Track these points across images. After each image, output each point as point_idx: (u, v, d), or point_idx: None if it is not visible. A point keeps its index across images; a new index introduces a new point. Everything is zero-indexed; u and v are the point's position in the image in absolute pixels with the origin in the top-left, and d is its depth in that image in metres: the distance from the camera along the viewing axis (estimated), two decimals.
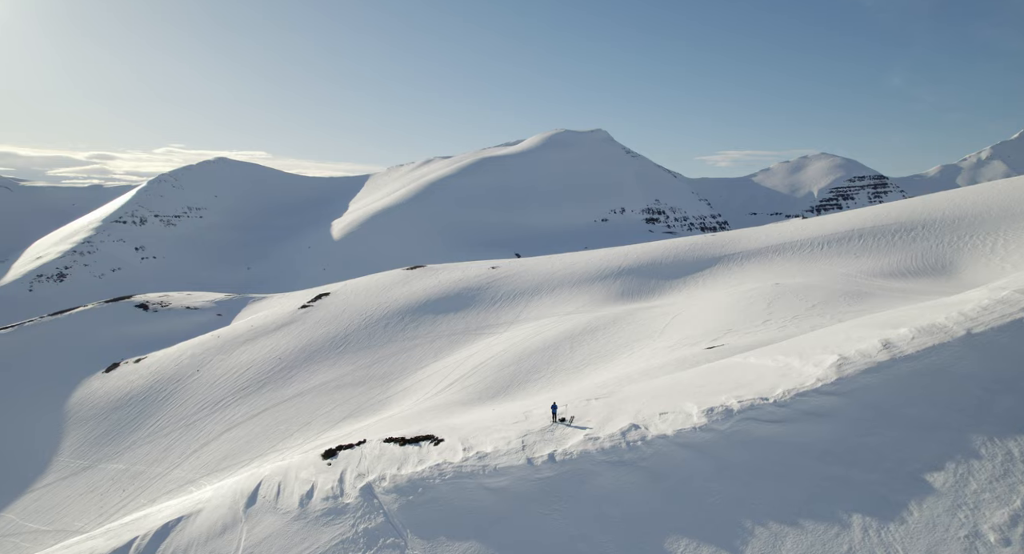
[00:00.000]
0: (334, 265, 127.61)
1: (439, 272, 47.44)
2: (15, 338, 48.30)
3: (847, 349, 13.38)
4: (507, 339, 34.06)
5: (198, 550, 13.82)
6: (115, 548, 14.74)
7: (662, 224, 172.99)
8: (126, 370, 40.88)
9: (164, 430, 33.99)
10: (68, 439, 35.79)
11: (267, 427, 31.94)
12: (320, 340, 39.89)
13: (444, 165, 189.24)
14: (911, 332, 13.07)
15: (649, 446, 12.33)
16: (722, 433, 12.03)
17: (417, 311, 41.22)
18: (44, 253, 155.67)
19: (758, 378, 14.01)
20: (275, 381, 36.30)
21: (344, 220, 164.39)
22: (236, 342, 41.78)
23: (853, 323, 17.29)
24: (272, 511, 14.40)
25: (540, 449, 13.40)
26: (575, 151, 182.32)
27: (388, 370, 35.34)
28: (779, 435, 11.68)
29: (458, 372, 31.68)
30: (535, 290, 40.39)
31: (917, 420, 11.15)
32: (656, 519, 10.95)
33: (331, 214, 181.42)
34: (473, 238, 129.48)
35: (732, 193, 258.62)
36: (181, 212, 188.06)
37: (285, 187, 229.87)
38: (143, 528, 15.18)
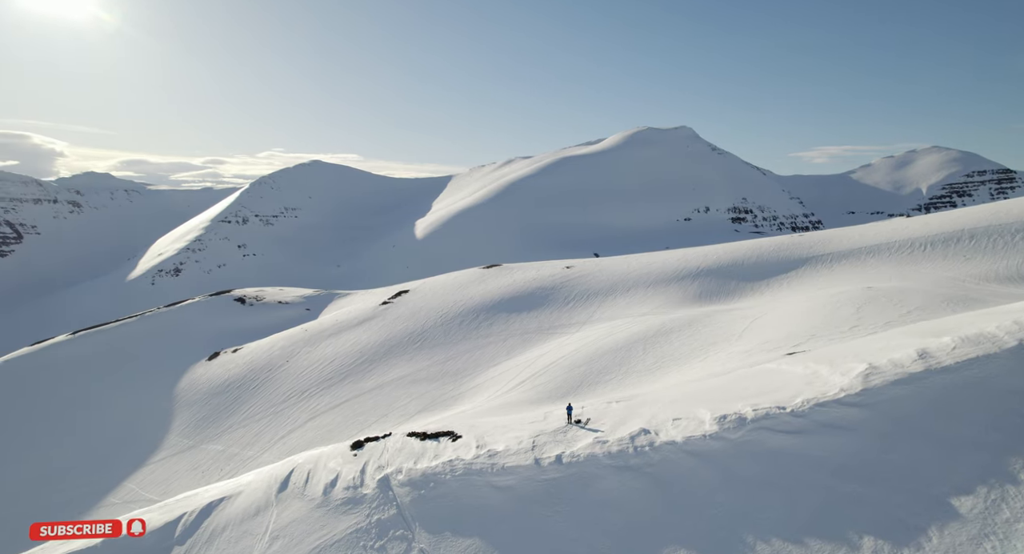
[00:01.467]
0: (417, 263, 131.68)
1: (514, 271, 47.80)
2: (137, 327, 53.44)
3: (879, 358, 12.37)
4: (579, 339, 33.77)
5: (234, 529, 14.75)
6: (167, 521, 15.97)
7: (749, 223, 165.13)
8: (225, 359, 44.19)
9: (255, 416, 36.44)
10: (176, 420, 39.15)
11: (347, 417, 33.46)
12: (399, 335, 41.25)
13: (524, 165, 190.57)
14: (953, 341, 11.90)
15: (656, 452, 12.02)
16: (733, 442, 11.53)
17: (492, 309, 41.71)
18: (164, 250, 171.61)
19: (783, 386, 13.24)
20: (356, 374, 37.91)
21: (427, 220, 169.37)
22: (322, 336, 44.04)
23: (901, 330, 16.03)
24: (299, 497, 15.10)
25: (549, 450, 13.33)
26: (658, 149, 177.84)
27: (462, 367, 35.99)
28: (793, 447, 11.06)
29: (529, 371, 31.76)
30: (609, 290, 39.79)
31: (949, 438, 10.17)
32: (656, 528, 10.71)
33: (415, 214, 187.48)
34: (552, 238, 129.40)
35: (827, 191, 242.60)
36: (278, 212, 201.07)
37: (373, 188, 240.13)
38: (191, 505, 16.43)
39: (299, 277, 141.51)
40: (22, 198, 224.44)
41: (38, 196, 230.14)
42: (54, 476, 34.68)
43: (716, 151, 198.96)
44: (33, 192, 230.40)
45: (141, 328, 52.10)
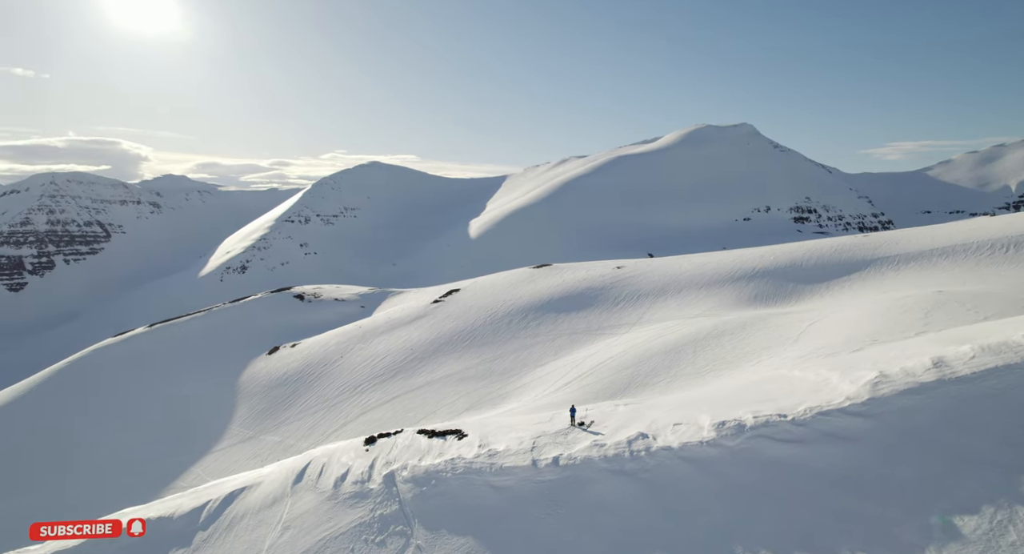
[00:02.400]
0: (470, 262, 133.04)
1: (564, 271, 47.57)
2: (205, 321, 56.37)
3: (891, 366, 11.69)
4: (628, 341, 33.26)
5: (252, 517, 15.31)
6: (194, 507, 16.78)
7: (812, 223, 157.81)
8: (284, 354, 46.02)
9: (311, 409, 37.76)
10: (238, 411, 41.07)
11: (397, 413, 34.20)
12: (448, 334, 41.79)
13: (579, 165, 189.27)
14: (972, 350, 11.11)
15: (653, 457, 11.81)
16: (730, 449, 11.20)
17: (540, 309, 41.65)
18: (232, 248, 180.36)
19: (790, 392, 12.73)
20: (406, 370, 38.69)
21: (481, 219, 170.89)
22: (375, 332, 45.17)
23: (930, 337, 15.06)
24: (312, 490, 15.52)
25: (548, 452, 13.27)
26: (716, 147, 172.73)
27: (509, 366, 36.11)
28: (791, 456, 10.67)
29: (576, 371, 31.54)
30: (660, 291, 38.99)
31: (958, 453, 9.55)
32: (648, 534, 10.57)
33: (470, 214, 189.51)
34: (605, 238, 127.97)
35: (900, 189, 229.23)
36: (338, 212, 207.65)
37: (429, 188, 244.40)
38: (217, 493, 17.17)
39: (357, 275, 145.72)
40: (111, 200, 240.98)
41: (124, 198, 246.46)
42: (128, 458, 37.08)
43: (778, 149, 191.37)
44: (120, 194, 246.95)
45: (208, 323, 54.93)
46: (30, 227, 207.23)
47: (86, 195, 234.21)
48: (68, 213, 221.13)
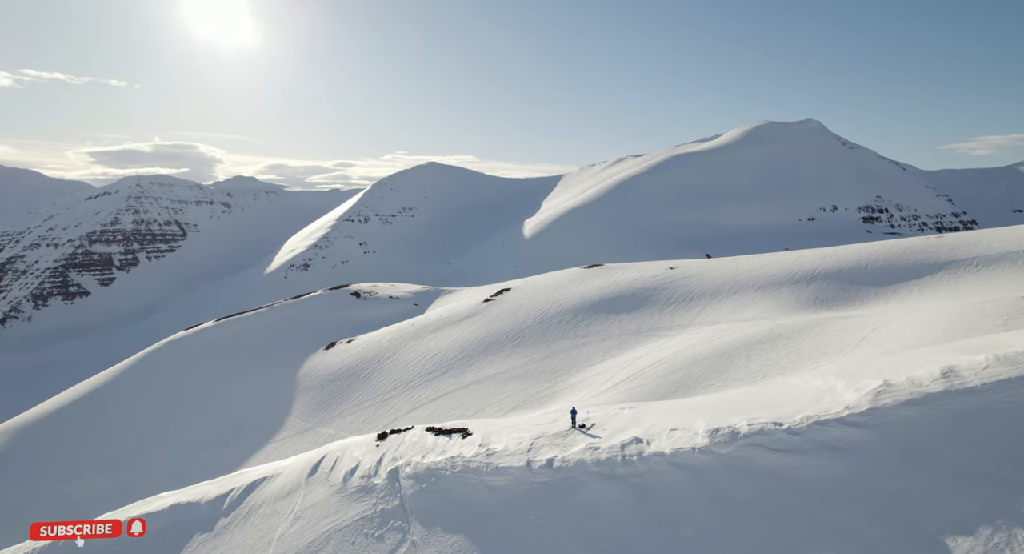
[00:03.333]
0: (524, 262, 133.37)
1: (615, 271, 46.93)
2: (268, 316, 58.90)
3: (898, 374, 11.07)
4: (678, 343, 32.48)
5: (267, 507, 15.81)
6: (219, 494, 17.48)
7: (883, 223, 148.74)
8: (340, 349, 47.48)
9: (364, 404, 38.81)
10: (296, 404, 42.67)
11: (446, 410, 34.66)
12: (498, 333, 42.01)
13: (635, 163, 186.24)
14: (987, 360, 10.38)
15: (644, 463, 11.65)
16: (722, 457, 10.94)
17: (590, 309, 41.26)
18: (295, 247, 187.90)
19: (792, 400, 12.22)
20: (456, 368, 39.14)
21: (536, 219, 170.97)
22: (427, 330, 45.94)
23: (953, 345, 14.02)
24: (324, 482, 15.88)
25: (544, 453, 13.21)
26: (779, 144, 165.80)
27: (558, 366, 35.95)
28: (783, 467, 10.31)
29: (624, 373, 31.07)
30: (714, 293, 37.84)
31: (959, 469, 9.05)
32: (631, 541, 10.46)
33: (525, 213, 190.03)
34: (662, 238, 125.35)
35: (988, 187, 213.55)
36: (396, 212, 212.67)
37: (486, 188, 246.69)
38: (239, 482, 17.84)
39: (413, 273, 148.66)
40: (187, 200, 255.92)
41: (199, 198, 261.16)
42: (195, 445, 39.19)
43: (847, 145, 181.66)
44: (195, 195, 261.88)
45: (270, 318, 57.36)
46: (118, 226, 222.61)
47: (166, 196, 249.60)
48: (151, 213, 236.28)
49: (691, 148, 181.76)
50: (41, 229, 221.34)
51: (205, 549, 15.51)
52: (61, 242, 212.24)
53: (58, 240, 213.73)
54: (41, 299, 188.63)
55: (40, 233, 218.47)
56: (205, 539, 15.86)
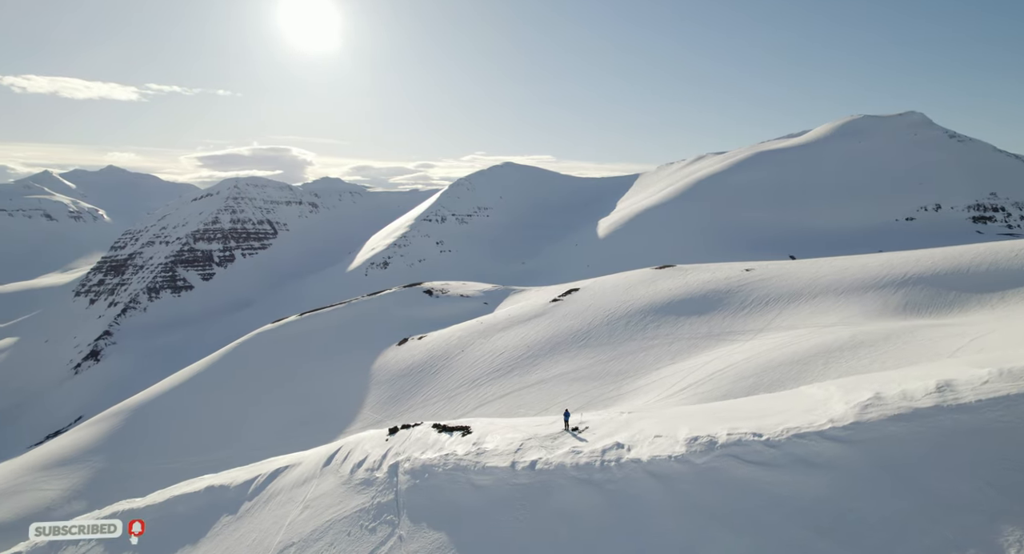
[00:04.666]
0: (597, 262, 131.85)
1: (687, 273, 45.56)
2: (346, 312, 61.67)
3: (891, 387, 10.34)
4: (751, 348, 31.12)
5: (285, 493, 16.49)
6: (246, 480, 18.45)
7: (999, 223, 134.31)
8: (411, 345, 48.96)
9: (432, 399, 39.83)
10: (370, 396, 44.43)
11: (511, 408, 34.96)
12: (564, 333, 41.89)
13: (715, 161, 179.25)
14: (989, 374, 9.73)
15: (621, 469, 11.43)
16: (697, 467, 10.71)
17: (659, 311, 40.31)
18: (376, 246, 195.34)
19: (784, 410, 11.65)
20: (522, 367, 39.39)
21: (610, 219, 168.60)
22: (495, 329, 46.50)
23: (973, 358, 13.55)
24: (334, 473, 16.37)
25: (530, 455, 13.19)
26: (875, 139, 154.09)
27: (624, 368, 35.41)
28: (757, 480, 9.94)
29: (692, 377, 30.16)
30: (792, 296, 35.91)
31: (938, 493, 8.51)
32: (597, 548, 10.43)
33: (599, 213, 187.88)
34: (742, 238, 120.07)
35: None
36: (472, 211, 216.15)
37: (561, 187, 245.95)
38: (265, 469, 18.71)
39: (487, 272, 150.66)
40: (278, 201, 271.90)
41: (289, 199, 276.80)
42: (275, 432, 41.67)
43: (955, 138, 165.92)
44: (286, 196, 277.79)
45: (349, 313, 60.00)
46: (218, 225, 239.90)
47: (260, 197, 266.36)
48: (246, 213, 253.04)
49: (776, 144, 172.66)
50: (155, 228, 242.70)
51: (228, 530, 16.64)
52: (171, 240, 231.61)
53: (168, 238, 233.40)
54: (154, 292, 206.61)
55: (155, 232, 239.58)
56: (229, 521, 17.03)
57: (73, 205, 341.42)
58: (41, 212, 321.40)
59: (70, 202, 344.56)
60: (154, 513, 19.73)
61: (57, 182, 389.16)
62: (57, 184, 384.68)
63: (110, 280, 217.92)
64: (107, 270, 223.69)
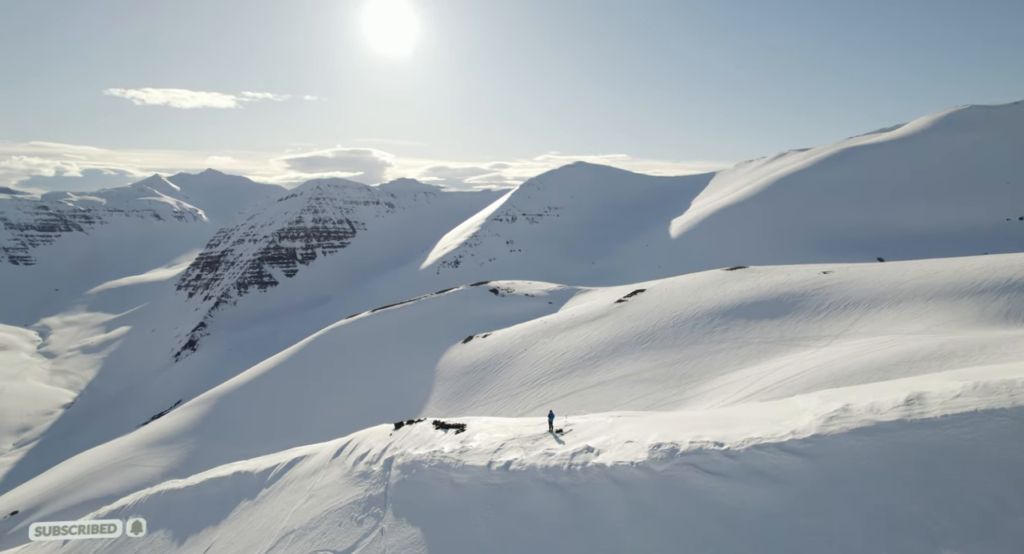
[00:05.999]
0: (669, 262, 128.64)
1: (760, 274, 43.66)
2: (415, 309, 63.50)
3: (863, 399, 10.15)
4: (825, 355, 29.46)
5: (297, 482, 16.99)
6: (267, 467, 19.16)
7: None
8: (476, 343, 49.72)
9: (494, 397, 40.30)
10: (434, 392, 45.55)
11: (569, 409, 34.79)
12: (628, 334, 41.24)
13: (798, 159, 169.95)
14: (963, 388, 9.26)
15: (586, 473, 11.52)
16: (657, 475, 10.58)
17: (728, 314, 38.88)
18: (448, 245, 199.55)
19: (760, 419, 11.47)
20: (583, 368, 39.14)
21: (683, 219, 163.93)
22: (558, 329, 46.44)
23: (973, 369, 12.50)
24: (340, 465, 16.73)
25: (507, 455, 13.17)
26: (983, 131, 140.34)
27: (688, 372, 34.45)
28: (712, 491, 9.73)
29: (760, 384, 28.92)
30: (875, 301, 33.63)
31: (886, 512, 8.15)
32: (555, 551, 10.46)
33: (673, 212, 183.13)
34: (825, 240, 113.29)
35: None
36: (543, 211, 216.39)
37: (633, 187, 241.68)
38: (284, 458, 19.42)
39: (557, 272, 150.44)
40: (357, 201, 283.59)
41: (367, 199, 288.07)
42: (344, 423, 43.50)
43: None
44: (364, 196, 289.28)
45: (417, 311, 61.72)
46: (301, 225, 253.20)
47: (340, 197, 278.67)
48: (327, 212, 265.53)
49: (866, 140, 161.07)
50: (245, 227, 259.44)
51: (245, 514, 17.59)
52: (259, 238, 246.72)
53: (256, 236, 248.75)
54: (243, 287, 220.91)
55: (245, 230, 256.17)
56: (247, 506, 17.99)
57: (177, 206, 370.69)
58: (151, 212, 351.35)
59: (174, 203, 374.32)
60: (190, 494, 21.14)
61: (164, 185, 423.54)
62: (164, 186, 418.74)
63: (205, 275, 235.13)
64: (203, 266, 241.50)
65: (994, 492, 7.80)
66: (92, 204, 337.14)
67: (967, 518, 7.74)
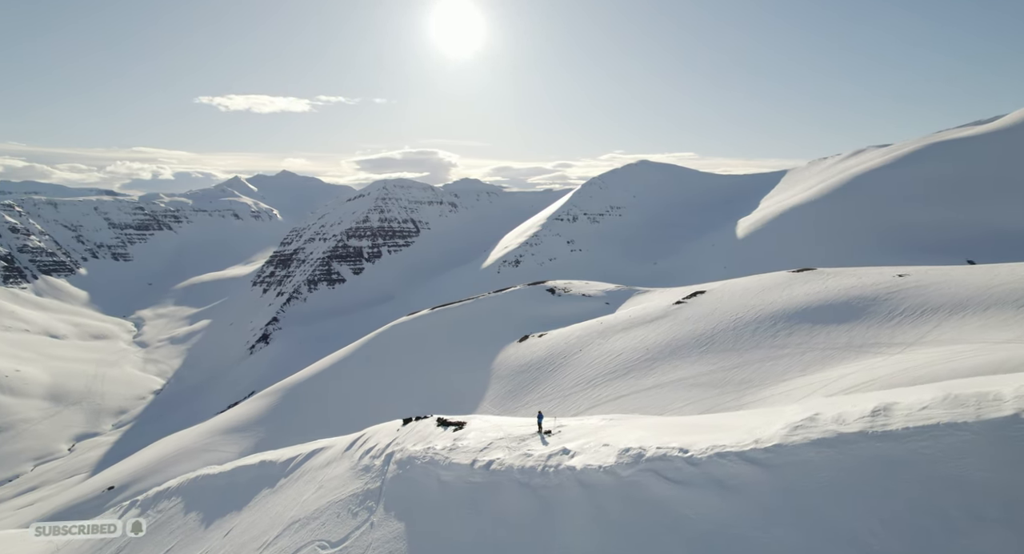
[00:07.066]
0: (735, 264, 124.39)
1: (828, 277, 41.56)
2: (473, 307, 64.40)
3: (832, 408, 9.82)
4: (898, 363, 27.72)
5: (311, 473, 17.54)
6: (289, 457, 19.93)
7: None
8: (531, 342, 49.88)
9: (547, 397, 40.32)
10: (489, 390, 46.06)
11: (623, 411, 34.36)
12: (685, 337, 40.27)
13: (878, 155, 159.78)
14: (931, 399, 8.82)
15: (558, 476, 11.50)
16: (622, 480, 10.45)
17: (793, 318, 37.27)
18: (509, 244, 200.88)
19: (733, 427, 11.20)
20: (638, 370, 38.54)
21: (751, 218, 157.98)
22: (614, 329, 45.92)
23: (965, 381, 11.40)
24: (348, 458, 17.06)
25: (492, 454, 13.17)
26: None
27: (747, 377, 33.27)
28: (670, 499, 9.63)
29: (823, 392, 27.56)
30: (958, 307, 31.33)
31: (831, 528, 7.92)
32: (519, 551, 10.55)
33: (740, 212, 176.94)
34: (906, 241, 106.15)
35: None
36: (604, 211, 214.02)
37: (699, 186, 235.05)
38: (305, 449, 20.21)
39: (617, 272, 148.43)
40: (421, 201, 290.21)
41: (431, 199, 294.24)
42: (397, 417, 44.72)
43: None
44: (428, 196, 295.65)
45: (475, 309, 62.54)
46: (367, 224, 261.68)
47: (405, 197, 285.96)
48: (392, 212, 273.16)
49: (956, 134, 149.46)
50: (316, 226, 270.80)
51: (264, 501, 18.39)
52: (328, 237, 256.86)
53: (326, 235, 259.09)
54: (313, 284, 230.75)
55: (315, 229, 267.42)
56: (267, 494, 18.79)
57: (254, 206, 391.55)
58: (231, 212, 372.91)
59: (252, 203, 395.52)
60: (223, 480, 22.31)
61: (243, 186, 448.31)
62: (243, 188, 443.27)
63: (279, 272, 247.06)
64: (277, 263, 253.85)
65: (943, 511, 7.39)
66: (180, 205, 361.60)
67: (911, 537, 7.40)
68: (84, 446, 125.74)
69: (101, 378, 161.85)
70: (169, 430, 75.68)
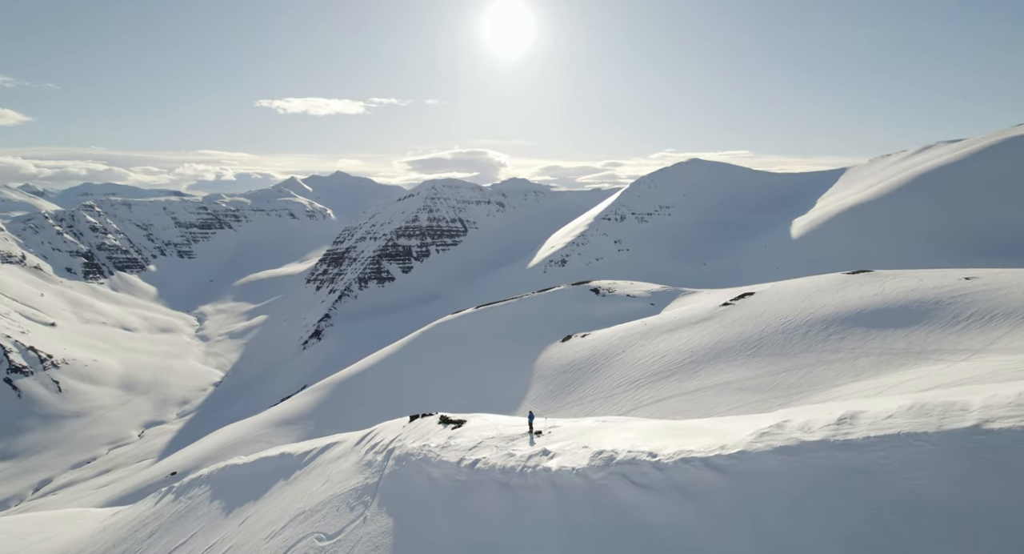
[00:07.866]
0: (788, 264, 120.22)
1: (886, 279, 39.71)
2: (517, 307, 64.66)
3: (802, 415, 9.63)
4: (960, 371, 26.24)
5: (322, 467, 17.92)
6: (305, 451, 20.40)
7: None
8: (574, 342, 49.71)
9: (589, 397, 40.15)
10: (531, 389, 46.20)
11: (664, 414, 33.85)
12: (732, 339, 39.30)
13: (947, 151, 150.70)
14: (898, 408, 8.48)
15: (535, 477, 11.44)
16: (592, 482, 10.39)
17: (846, 321, 35.82)
18: (555, 244, 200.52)
19: (711, 431, 11.17)
20: (682, 373, 37.87)
21: (807, 218, 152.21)
22: (658, 331, 45.26)
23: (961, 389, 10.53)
24: (356, 453, 17.28)
25: (479, 453, 13.15)
26: None
27: (796, 381, 32.21)
28: (633, 504, 9.52)
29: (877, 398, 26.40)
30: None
31: (782, 539, 7.78)
32: (488, 550, 10.56)
33: (795, 211, 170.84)
34: (977, 242, 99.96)
35: None
36: (653, 210, 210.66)
37: (752, 184, 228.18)
38: (320, 443, 20.72)
39: (665, 273, 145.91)
40: (469, 200, 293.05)
41: (479, 199, 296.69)
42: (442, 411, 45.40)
43: None
44: (476, 196, 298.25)
45: (520, 308, 62.77)
46: (416, 223, 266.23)
47: (453, 197, 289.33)
48: (441, 212, 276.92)
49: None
50: (367, 225, 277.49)
51: (279, 492, 19.00)
52: (378, 236, 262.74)
53: (376, 234, 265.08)
54: (363, 282, 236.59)
55: (366, 228, 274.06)
56: (282, 485, 19.29)
57: (309, 205, 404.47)
58: (287, 212, 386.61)
59: (307, 203, 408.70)
60: (247, 470, 23.13)
61: (299, 186, 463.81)
62: (299, 188, 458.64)
63: (331, 270, 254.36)
64: (329, 261, 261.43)
65: (889, 524, 7.22)
66: (240, 205, 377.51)
67: (855, 551, 7.32)
68: (151, 433, 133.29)
69: (167, 370, 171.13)
70: (226, 421, 79.33)
